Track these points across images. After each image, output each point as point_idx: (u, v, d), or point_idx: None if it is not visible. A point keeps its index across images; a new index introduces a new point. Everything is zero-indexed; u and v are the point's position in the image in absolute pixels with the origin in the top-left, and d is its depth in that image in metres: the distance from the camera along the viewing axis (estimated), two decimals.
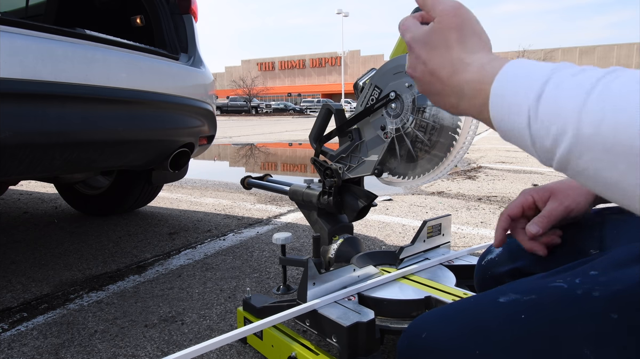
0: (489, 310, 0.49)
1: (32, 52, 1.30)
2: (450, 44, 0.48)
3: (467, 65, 0.46)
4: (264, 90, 44.34)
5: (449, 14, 0.49)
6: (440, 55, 0.49)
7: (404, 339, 0.53)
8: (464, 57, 0.47)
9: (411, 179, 1.03)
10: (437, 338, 0.50)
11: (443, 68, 0.48)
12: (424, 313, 0.57)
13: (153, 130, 1.78)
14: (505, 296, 0.50)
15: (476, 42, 0.48)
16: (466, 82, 0.46)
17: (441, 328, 0.50)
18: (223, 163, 5.97)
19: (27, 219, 2.61)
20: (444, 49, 0.48)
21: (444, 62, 0.48)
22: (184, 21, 2.11)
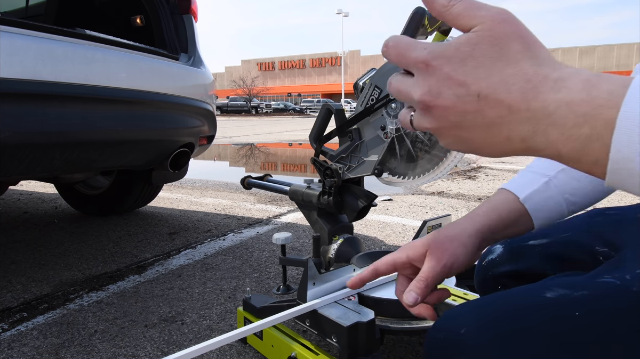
0: (539, 307, 0.46)
1: (32, 52, 1.30)
2: (514, 56, 0.34)
3: (559, 81, 0.32)
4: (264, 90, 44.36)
5: (501, 20, 0.35)
6: (502, 70, 0.34)
7: (436, 333, 0.50)
8: (548, 71, 0.33)
9: (411, 179, 1.03)
10: (480, 337, 0.46)
11: (511, 86, 0.33)
12: (458, 306, 0.53)
13: (153, 130, 1.78)
14: (551, 291, 0.46)
15: (548, 56, 0.35)
16: (565, 104, 0.31)
17: (485, 325, 0.46)
18: (223, 163, 5.97)
19: (27, 219, 2.61)
20: (506, 63, 0.34)
21: (507, 79, 0.34)
22: (184, 21, 2.11)
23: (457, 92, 0.35)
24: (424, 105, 0.38)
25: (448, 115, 0.36)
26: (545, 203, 0.66)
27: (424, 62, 0.37)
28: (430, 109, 0.37)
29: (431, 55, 0.37)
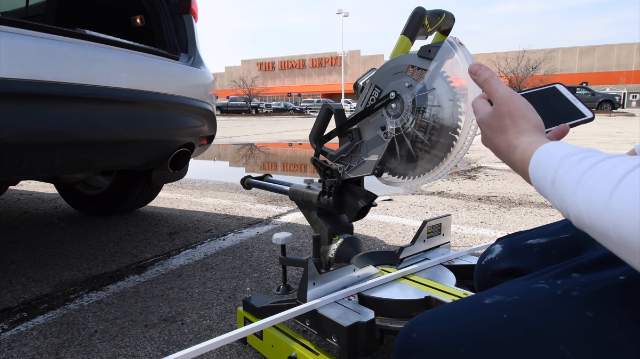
0: (475, 312, 0.54)
1: (32, 52, 1.30)
2: (505, 128, 0.59)
3: (515, 148, 0.57)
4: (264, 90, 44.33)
5: (503, 103, 0.60)
6: (498, 136, 0.60)
7: (397, 339, 0.57)
8: (513, 140, 0.58)
9: (411, 179, 1.03)
10: (427, 339, 0.54)
11: (501, 148, 0.60)
12: (418, 315, 0.60)
13: (153, 130, 1.78)
14: (490, 297, 0.54)
15: (524, 125, 0.58)
16: (515, 162, 0.57)
17: (431, 329, 0.54)
18: (223, 163, 5.97)
19: (27, 219, 2.61)
20: (501, 132, 0.60)
21: (501, 143, 0.60)
22: (184, 21, 2.11)
23: (488, 144, 0.63)
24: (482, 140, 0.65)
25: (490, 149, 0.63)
26: None
27: (478, 124, 0.65)
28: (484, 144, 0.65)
29: (480, 120, 0.64)
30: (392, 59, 0.99)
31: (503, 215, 2.55)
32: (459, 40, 0.89)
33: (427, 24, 1.00)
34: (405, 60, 0.96)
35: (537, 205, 2.83)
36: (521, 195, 3.16)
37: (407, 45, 0.99)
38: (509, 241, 0.85)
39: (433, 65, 0.92)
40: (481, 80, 0.64)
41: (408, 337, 0.55)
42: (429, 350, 0.52)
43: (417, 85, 0.94)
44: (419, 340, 0.54)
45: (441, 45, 0.90)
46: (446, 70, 0.90)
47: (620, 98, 25.35)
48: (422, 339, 0.54)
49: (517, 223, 2.38)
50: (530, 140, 0.55)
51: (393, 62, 0.98)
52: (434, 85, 0.92)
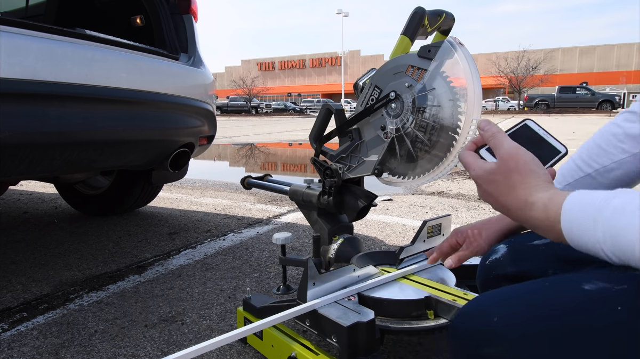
0: (571, 297, 0.51)
1: (32, 52, 1.30)
2: (514, 185, 0.57)
3: (532, 205, 0.55)
4: (264, 90, 44.33)
5: (509, 158, 0.58)
6: (507, 193, 0.58)
7: (467, 319, 0.55)
8: (527, 197, 0.56)
9: (411, 179, 1.03)
10: (511, 324, 0.51)
11: (512, 206, 0.57)
12: (487, 293, 0.58)
13: (153, 130, 1.78)
14: (589, 283, 0.51)
15: (535, 181, 0.56)
16: (536, 219, 0.54)
17: (515, 312, 0.52)
18: (223, 163, 5.97)
19: (27, 219, 2.61)
20: (509, 189, 0.58)
21: (511, 200, 0.57)
22: (184, 21, 2.11)
23: (492, 201, 0.61)
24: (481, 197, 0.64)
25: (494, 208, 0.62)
26: None
27: (475, 180, 0.64)
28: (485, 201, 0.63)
29: (477, 176, 0.63)
30: (392, 59, 0.99)
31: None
32: (458, 40, 0.89)
33: (427, 24, 1.00)
34: (405, 60, 0.96)
35: None
36: None
37: (407, 45, 0.99)
38: (513, 241, 0.84)
39: (433, 65, 0.92)
40: (489, 134, 0.63)
41: (487, 320, 0.53)
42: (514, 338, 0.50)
43: (417, 85, 0.94)
44: (502, 325, 0.51)
45: (441, 45, 0.90)
46: (446, 70, 0.90)
47: (620, 99, 25.34)
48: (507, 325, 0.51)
49: None
50: (548, 195, 0.54)
51: (393, 62, 0.98)
52: (434, 85, 0.92)
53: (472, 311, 0.56)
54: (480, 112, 0.88)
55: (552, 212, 0.52)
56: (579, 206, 0.50)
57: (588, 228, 0.48)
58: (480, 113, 0.88)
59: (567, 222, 0.50)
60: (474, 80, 0.87)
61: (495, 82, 34.04)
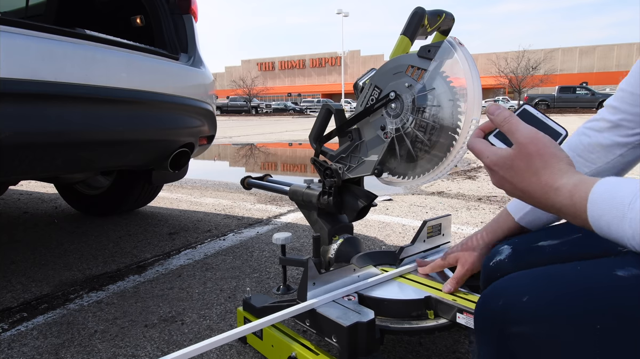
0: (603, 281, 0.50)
1: (32, 52, 1.30)
2: (536, 170, 0.55)
3: (557, 190, 0.53)
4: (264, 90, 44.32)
5: (529, 142, 0.56)
6: (529, 179, 0.55)
7: (495, 297, 0.54)
8: (552, 182, 0.53)
9: (411, 179, 1.03)
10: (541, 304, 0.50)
11: (534, 191, 0.55)
12: (517, 273, 0.56)
13: (153, 130, 1.78)
14: (624, 270, 0.50)
15: (558, 165, 0.54)
16: (562, 205, 0.52)
17: (545, 292, 0.51)
18: (223, 163, 5.97)
19: (27, 219, 2.61)
20: (531, 174, 0.55)
21: (533, 186, 0.55)
22: (184, 21, 2.11)
23: (510, 187, 0.59)
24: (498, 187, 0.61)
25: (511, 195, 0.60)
26: (536, 220, 0.92)
27: (488, 166, 0.61)
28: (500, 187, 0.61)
29: (492, 163, 0.60)
30: (392, 59, 0.99)
31: None
32: (458, 40, 0.89)
33: (426, 24, 1.00)
34: (405, 60, 0.96)
35: None
36: None
37: (406, 45, 0.99)
38: (517, 242, 0.84)
39: (433, 65, 0.92)
40: (500, 119, 0.60)
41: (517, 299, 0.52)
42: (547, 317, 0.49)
43: (417, 85, 0.94)
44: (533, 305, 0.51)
45: (441, 45, 0.90)
46: (446, 70, 0.90)
47: None
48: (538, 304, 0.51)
49: None
50: (574, 181, 0.52)
51: (393, 62, 0.98)
52: (434, 85, 0.92)
53: (502, 289, 0.55)
54: (480, 112, 0.88)
55: (578, 200, 0.51)
56: (608, 199, 0.48)
57: (616, 222, 0.47)
58: (480, 113, 0.88)
59: (594, 212, 0.49)
60: (473, 80, 0.87)
61: (495, 82, 34.04)
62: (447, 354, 1.12)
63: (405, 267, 1.14)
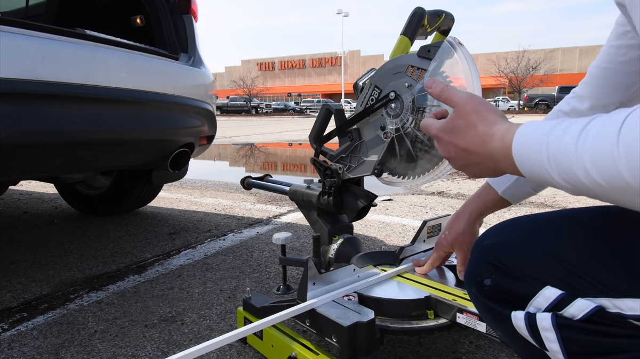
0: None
1: (32, 52, 1.30)
2: (474, 123, 0.59)
3: (492, 136, 0.57)
4: (264, 90, 44.33)
5: (466, 102, 0.61)
6: (468, 134, 0.59)
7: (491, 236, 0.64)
8: (488, 130, 0.57)
9: (411, 179, 1.03)
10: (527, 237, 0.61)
11: (474, 144, 0.59)
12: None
13: (153, 130, 1.78)
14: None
15: (493, 116, 0.58)
16: (496, 149, 0.56)
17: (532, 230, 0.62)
18: (223, 163, 5.97)
19: (27, 219, 2.61)
20: (470, 129, 0.59)
21: (472, 139, 0.59)
22: (184, 21, 2.11)
23: (455, 149, 0.62)
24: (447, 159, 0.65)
25: (458, 162, 0.63)
26: (517, 192, 1.01)
27: (436, 136, 0.64)
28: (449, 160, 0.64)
29: (437, 130, 0.64)
30: (392, 59, 0.99)
31: (503, 215, 2.55)
32: (458, 40, 0.89)
33: (426, 24, 1.00)
34: (405, 60, 0.96)
35: (537, 204, 2.83)
36: None
37: (406, 45, 0.99)
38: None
39: (433, 65, 0.92)
40: (437, 90, 0.65)
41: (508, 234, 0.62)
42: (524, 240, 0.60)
43: (417, 85, 0.94)
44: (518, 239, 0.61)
45: (441, 45, 0.90)
46: (446, 70, 0.90)
47: None
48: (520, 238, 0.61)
49: None
50: (506, 126, 0.56)
51: (393, 62, 0.98)
52: None
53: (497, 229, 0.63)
54: None
55: (507, 140, 0.54)
56: (530, 131, 0.52)
57: (536, 150, 0.49)
58: None
59: (518, 146, 0.52)
60: (473, 80, 0.87)
61: (495, 82, 34.04)
62: (447, 354, 1.12)
63: (405, 267, 1.14)
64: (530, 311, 0.55)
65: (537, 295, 0.54)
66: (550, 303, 0.53)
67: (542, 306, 0.54)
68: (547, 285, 0.54)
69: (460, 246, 1.06)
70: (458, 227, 1.06)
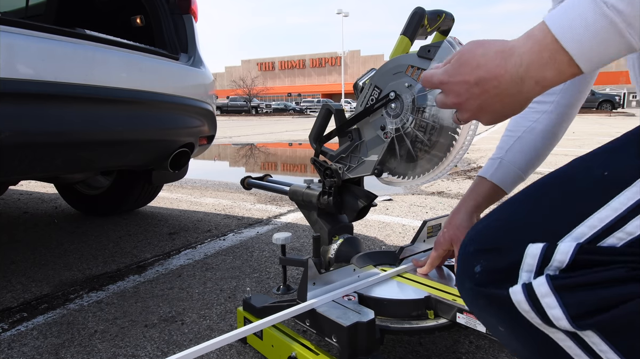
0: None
1: (32, 52, 1.30)
2: (484, 50, 0.53)
3: (512, 49, 0.50)
4: (264, 90, 44.33)
5: (467, 45, 0.56)
6: (480, 61, 0.53)
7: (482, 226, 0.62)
8: (502, 47, 0.51)
9: (411, 179, 1.03)
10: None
11: (491, 67, 0.51)
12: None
13: (153, 130, 1.78)
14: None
15: (501, 40, 0.53)
16: (523, 53, 0.49)
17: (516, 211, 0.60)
18: (223, 163, 5.97)
19: (27, 219, 2.61)
20: (480, 56, 0.53)
21: (488, 62, 0.52)
22: (184, 21, 2.11)
23: (466, 88, 0.55)
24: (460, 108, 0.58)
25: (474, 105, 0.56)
26: (506, 175, 1.03)
27: (442, 81, 0.58)
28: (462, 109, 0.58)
29: (443, 72, 0.58)
30: (392, 59, 0.99)
31: None
32: (458, 40, 0.89)
33: (426, 24, 1.00)
34: (405, 60, 0.96)
35: None
36: None
37: (406, 45, 0.99)
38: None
39: (433, 65, 0.92)
40: (435, 80, 0.60)
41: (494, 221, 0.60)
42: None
43: (417, 85, 0.94)
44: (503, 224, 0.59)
45: (441, 45, 0.90)
46: None
47: (620, 98, 25.35)
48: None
49: None
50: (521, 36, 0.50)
51: (393, 62, 0.98)
52: None
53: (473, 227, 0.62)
54: None
55: (538, 33, 0.48)
56: (564, 6, 0.46)
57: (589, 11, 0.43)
58: None
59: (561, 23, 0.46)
60: None
61: None
62: (447, 354, 1.12)
63: (405, 267, 1.14)
64: (525, 282, 0.53)
65: (524, 256, 0.52)
66: (538, 260, 0.51)
67: (532, 268, 0.52)
68: (528, 243, 0.53)
69: (459, 242, 1.05)
70: (455, 222, 1.06)
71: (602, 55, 0.45)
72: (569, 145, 6.62)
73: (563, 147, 5.84)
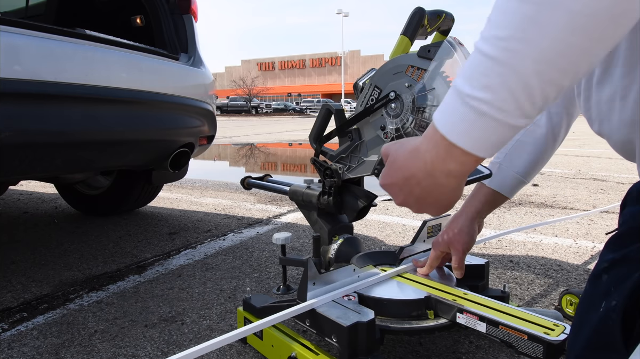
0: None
1: (32, 52, 1.30)
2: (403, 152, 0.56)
3: (418, 146, 0.53)
4: (264, 90, 44.34)
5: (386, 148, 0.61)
6: (400, 164, 0.56)
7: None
8: (413, 146, 0.54)
9: None
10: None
11: (409, 166, 0.54)
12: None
13: (153, 130, 1.78)
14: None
15: (411, 140, 0.57)
16: (425, 151, 0.51)
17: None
18: (223, 163, 5.97)
19: (27, 219, 2.61)
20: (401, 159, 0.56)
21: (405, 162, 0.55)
22: (184, 21, 2.11)
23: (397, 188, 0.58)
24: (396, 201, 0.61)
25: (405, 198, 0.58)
26: (504, 180, 1.05)
27: (382, 186, 0.61)
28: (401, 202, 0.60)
29: (380, 182, 0.61)
30: (392, 59, 0.99)
31: (503, 215, 2.55)
32: (458, 40, 0.89)
33: (426, 24, 1.00)
34: (405, 60, 0.96)
35: (537, 205, 2.83)
36: (521, 195, 3.16)
37: (406, 45, 0.99)
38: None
39: (433, 65, 0.92)
40: (380, 185, 0.62)
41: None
42: None
43: (417, 85, 0.94)
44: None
45: (441, 45, 0.90)
46: (446, 70, 0.90)
47: None
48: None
49: (517, 223, 2.38)
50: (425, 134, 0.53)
51: (393, 62, 0.98)
52: (434, 85, 0.92)
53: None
54: None
55: (431, 131, 0.50)
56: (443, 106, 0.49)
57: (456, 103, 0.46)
58: None
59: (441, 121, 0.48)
60: None
61: None
62: (447, 354, 1.12)
63: (405, 267, 1.14)
64: None
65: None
66: None
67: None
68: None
69: (456, 246, 1.06)
70: (455, 226, 1.06)
71: (492, 141, 0.45)
72: (569, 145, 6.62)
73: (563, 147, 5.83)
